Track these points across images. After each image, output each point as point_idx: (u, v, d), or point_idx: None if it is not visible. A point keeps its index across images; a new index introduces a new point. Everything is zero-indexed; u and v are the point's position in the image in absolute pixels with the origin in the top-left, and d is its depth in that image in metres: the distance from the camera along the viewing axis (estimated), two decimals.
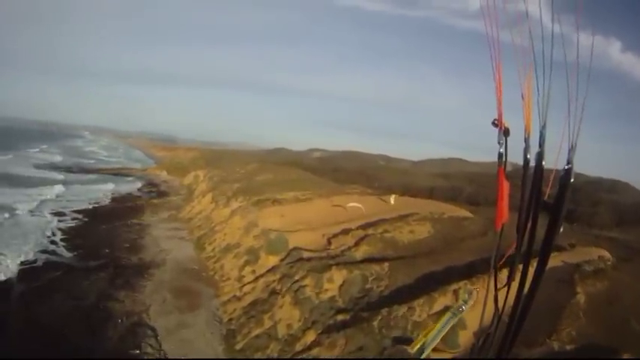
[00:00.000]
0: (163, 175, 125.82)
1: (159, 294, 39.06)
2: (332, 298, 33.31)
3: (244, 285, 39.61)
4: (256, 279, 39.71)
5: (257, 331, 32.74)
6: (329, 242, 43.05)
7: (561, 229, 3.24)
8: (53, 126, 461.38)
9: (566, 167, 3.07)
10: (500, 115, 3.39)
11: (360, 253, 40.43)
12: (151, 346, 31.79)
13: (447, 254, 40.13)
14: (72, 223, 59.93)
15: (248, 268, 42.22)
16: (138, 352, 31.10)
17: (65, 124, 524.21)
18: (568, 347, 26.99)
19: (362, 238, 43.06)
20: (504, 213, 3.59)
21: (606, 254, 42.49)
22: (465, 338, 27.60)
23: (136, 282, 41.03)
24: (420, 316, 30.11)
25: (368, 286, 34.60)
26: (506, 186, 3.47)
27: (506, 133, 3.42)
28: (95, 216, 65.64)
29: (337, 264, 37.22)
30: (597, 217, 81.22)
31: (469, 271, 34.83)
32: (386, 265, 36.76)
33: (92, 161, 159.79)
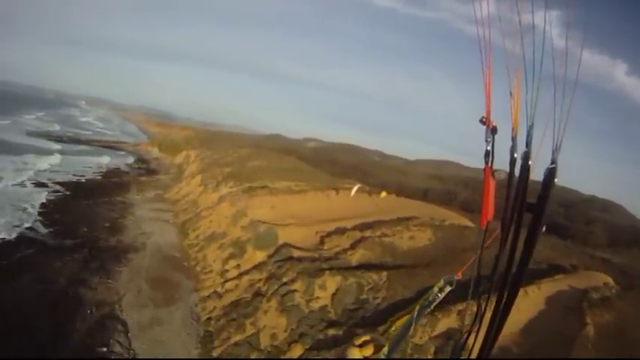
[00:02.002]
0: (155, 151, 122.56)
1: (134, 282, 35.54)
2: (323, 308, 29.54)
3: (227, 281, 35.95)
4: (240, 275, 36.08)
5: (237, 338, 29.01)
6: (322, 241, 39.52)
7: (543, 230, 3.15)
8: (51, 93, 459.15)
9: (549, 167, 3.04)
10: (488, 112, 3.30)
11: (356, 257, 36.57)
12: (120, 343, 28.19)
13: (448, 266, 35.92)
14: (52, 197, 56.20)
15: (232, 262, 38.62)
16: (105, 349, 27.52)
17: (63, 93, 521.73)
18: None
19: (359, 241, 39.24)
20: (490, 211, 3.47)
21: (610, 281, 38.75)
22: None
23: (112, 267, 37.49)
24: (422, 339, 26.85)
25: (363, 296, 30.92)
26: (492, 184, 3.38)
27: (493, 131, 3.33)
28: (79, 190, 62.16)
29: (331, 268, 33.48)
30: (592, 236, 79.19)
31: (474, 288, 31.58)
32: (384, 274, 33.00)
33: (88, 132, 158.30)
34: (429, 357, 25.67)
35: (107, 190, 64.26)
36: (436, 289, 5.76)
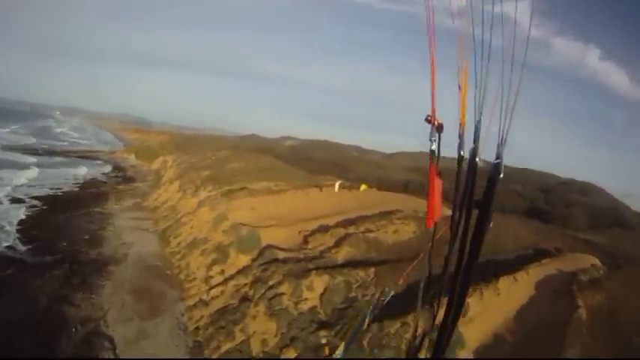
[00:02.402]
0: (131, 159, 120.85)
1: (118, 296, 34.41)
2: (312, 310, 28.84)
3: (212, 288, 34.98)
4: (225, 281, 35.16)
5: (227, 346, 28.07)
6: (305, 241, 38.86)
7: (491, 225, 3.14)
8: (26, 105, 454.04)
9: (495, 162, 3.02)
10: (433, 111, 3.26)
11: (341, 255, 35.98)
12: None
13: (436, 259, 35.87)
14: (30, 212, 54.53)
15: (216, 268, 37.67)
16: None
17: (38, 104, 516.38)
18: None
19: (343, 238, 38.67)
20: (436, 211, 3.53)
21: (597, 262, 39.58)
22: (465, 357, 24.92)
23: (94, 281, 36.24)
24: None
25: (352, 294, 30.34)
26: (438, 184, 3.49)
27: (439, 129, 3.35)
28: (56, 203, 60.33)
29: (317, 268, 32.81)
30: (572, 219, 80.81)
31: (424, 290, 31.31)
32: (371, 270, 32.54)
33: (64, 143, 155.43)
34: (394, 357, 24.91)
35: (85, 202, 62.68)
36: (379, 296, 5.83)
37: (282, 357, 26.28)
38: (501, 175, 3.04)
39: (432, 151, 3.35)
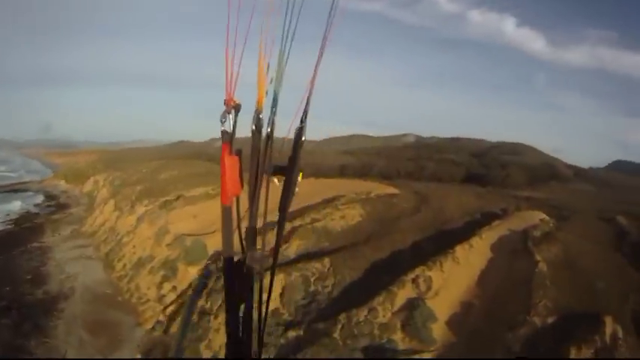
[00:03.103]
0: (62, 184, 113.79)
1: (73, 335, 32.08)
2: (275, 312, 27.14)
3: (167, 307, 32.98)
4: (179, 297, 33.46)
5: None
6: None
7: (296, 191, 3.14)
8: None
9: (298, 127, 2.99)
10: (227, 91, 2.91)
11: (292, 249, 34.69)
12: None
13: (387, 238, 35.57)
14: None
15: (167, 285, 35.85)
16: None
17: None
18: (550, 320, 24.42)
19: (290, 232, 36.98)
20: (233, 187, 3.06)
21: (545, 217, 40.77)
22: (439, 331, 24.61)
23: (46, 323, 33.63)
24: (385, 316, 25.56)
25: (312, 288, 29.32)
26: (233, 161, 3.00)
27: (237, 109, 2.99)
28: None
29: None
30: (509, 179, 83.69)
31: (418, 254, 31.69)
32: (326, 260, 31.50)
33: None
34: (386, 337, 24.52)
35: (21, 238, 58.14)
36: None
37: (283, 357, 24.91)
38: (304, 139, 2.99)
39: (223, 132, 2.95)
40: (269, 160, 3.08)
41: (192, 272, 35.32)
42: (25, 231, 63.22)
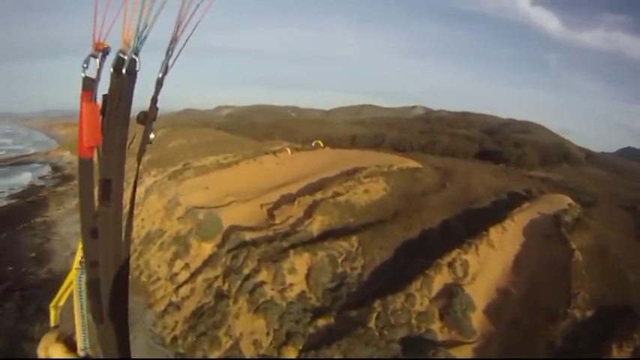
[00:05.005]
0: (67, 155, 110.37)
1: None
2: (302, 296, 24.67)
3: (180, 286, 29.62)
4: (193, 276, 29.97)
5: (215, 354, 23.38)
6: (271, 215, 34.74)
7: (152, 137, 2.51)
8: None
9: (159, 78, 2.42)
10: (95, 35, 2.39)
11: (316, 226, 31.87)
12: None
13: (415, 215, 33.18)
14: None
15: (179, 263, 32.18)
16: None
17: None
18: (588, 314, 22.81)
19: (312, 206, 34.61)
20: (91, 137, 2.49)
21: (572, 201, 38.50)
22: (478, 321, 22.73)
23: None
24: (422, 304, 23.33)
25: (339, 270, 26.67)
26: (90, 108, 2.44)
27: (105, 52, 2.43)
28: None
29: (293, 246, 28.67)
30: (524, 158, 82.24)
31: (449, 234, 30.11)
32: (354, 239, 28.92)
33: (2, 152, 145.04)
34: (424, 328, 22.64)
35: (25, 213, 55.37)
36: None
37: (281, 357, 22.36)
38: (161, 75, 2.31)
39: (85, 78, 2.24)
40: (127, 103, 2.38)
41: (207, 249, 32.12)
42: (30, 206, 60.38)
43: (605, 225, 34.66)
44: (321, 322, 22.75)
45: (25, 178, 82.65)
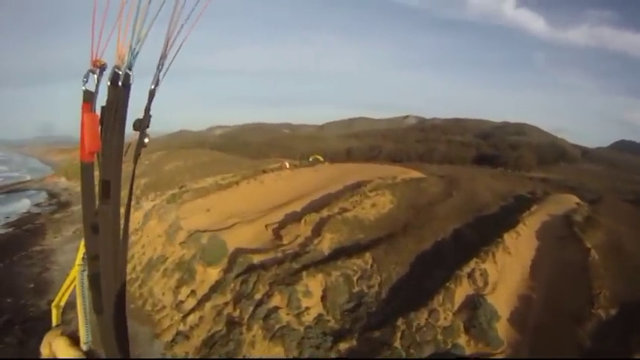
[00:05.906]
0: (62, 181, 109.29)
1: None
2: (319, 319, 23.54)
3: (187, 314, 28.13)
4: (200, 303, 28.56)
5: None
6: (278, 236, 33.71)
7: (146, 141, 2.96)
8: None
9: (155, 76, 2.81)
10: (92, 52, 2.74)
11: (325, 244, 30.81)
12: None
13: (426, 227, 32.36)
14: None
15: (185, 289, 30.85)
16: None
17: None
18: (612, 312, 22.12)
19: (319, 224, 33.62)
20: (92, 144, 2.85)
21: (579, 200, 39.05)
22: (504, 330, 21.98)
23: None
24: (446, 318, 22.42)
25: (356, 289, 25.60)
26: (90, 117, 2.80)
27: (102, 68, 2.78)
28: None
29: (305, 267, 27.59)
30: (521, 160, 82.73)
31: (463, 243, 29.43)
32: (367, 255, 27.97)
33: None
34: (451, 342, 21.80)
35: (22, 243, 53.99)
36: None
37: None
38: (153, 87, 2.73)
39: (85, 91, 2.65)
40: (123, 112, 2.77)
41: (213, 274, 30.87)
42: (26, 234, 58.89)
43: (614, 220, 34.08)
44: (343, 346, 21.68)
45: (23, 205, 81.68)
